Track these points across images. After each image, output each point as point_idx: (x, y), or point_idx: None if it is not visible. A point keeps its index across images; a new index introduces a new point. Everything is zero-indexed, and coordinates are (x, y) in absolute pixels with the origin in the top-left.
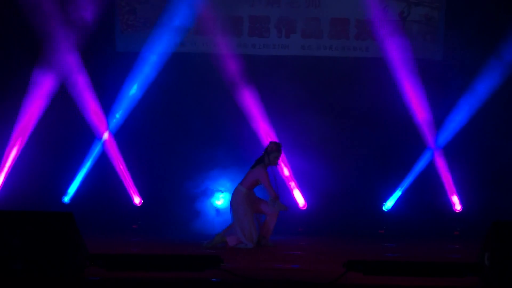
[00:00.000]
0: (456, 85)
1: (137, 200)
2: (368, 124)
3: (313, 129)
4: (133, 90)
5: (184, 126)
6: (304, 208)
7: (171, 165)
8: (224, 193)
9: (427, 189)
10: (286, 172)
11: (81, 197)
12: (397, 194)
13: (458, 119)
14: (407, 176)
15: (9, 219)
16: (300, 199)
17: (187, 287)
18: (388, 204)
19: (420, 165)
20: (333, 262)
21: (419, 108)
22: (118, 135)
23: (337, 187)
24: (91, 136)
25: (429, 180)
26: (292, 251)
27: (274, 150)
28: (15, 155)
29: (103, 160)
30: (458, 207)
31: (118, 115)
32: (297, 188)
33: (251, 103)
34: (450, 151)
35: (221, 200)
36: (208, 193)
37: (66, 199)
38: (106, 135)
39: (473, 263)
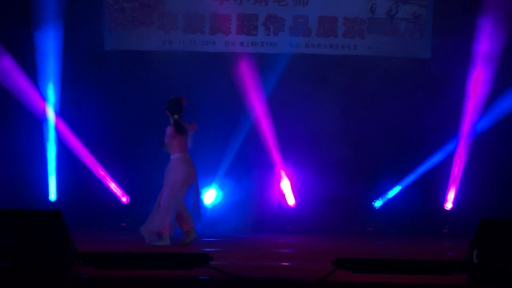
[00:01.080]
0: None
1: (124, 198)
2: (362, 122)
3: (307, 126)
4: None
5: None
6: (294, 206)
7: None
8: (213, 189)
9: (425, 186)
10: (282, 172)
11: (67, 195)
12: (395, 191)
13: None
14: (411, 173)
15: None
16: (290, 197)
17: (175, 285)
18: (379, 202)
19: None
20: (322, 260)
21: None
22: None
23: (327, 184)
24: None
25: (429, 177)
26: (281, 249)
27: None
28: None
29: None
30: (449, 205)
31: None
32: (289, 185)
33: (242, 100)
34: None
35: (210, 196)
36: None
37: (53, 197)
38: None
39: (461, 261)
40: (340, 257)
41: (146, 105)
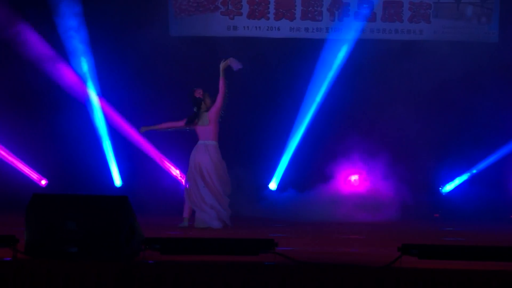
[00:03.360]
0: None
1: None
2: (429, 108)
3: (374, 112)
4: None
5: (240, 112)
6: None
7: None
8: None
9: (494, 172)
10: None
11: (132, 180)
12: (463, 177)
13: None
14: (481, 159)
15: (65, 203)
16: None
17: (241, 270)
18: (448, 187)
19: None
20: (388, 246)
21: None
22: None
23: (394, 169)
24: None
25: (499, 163)
26: (346, 235)
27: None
28: None
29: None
30: None
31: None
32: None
33: (307, 86)
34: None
35: (273, 184)
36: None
37: (118, 183)
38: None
39: None
40: (407, 243)
41: (210, 91)
